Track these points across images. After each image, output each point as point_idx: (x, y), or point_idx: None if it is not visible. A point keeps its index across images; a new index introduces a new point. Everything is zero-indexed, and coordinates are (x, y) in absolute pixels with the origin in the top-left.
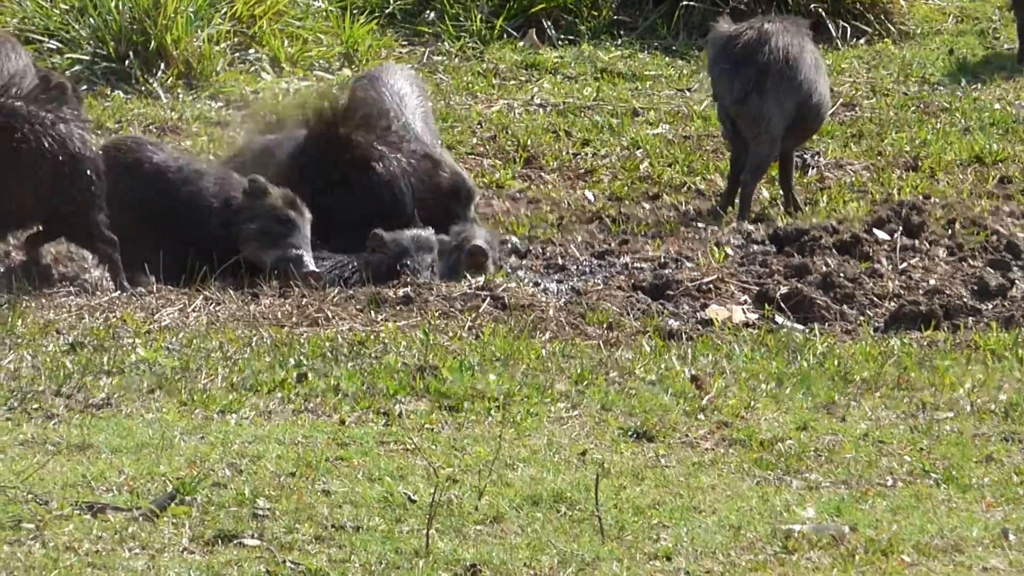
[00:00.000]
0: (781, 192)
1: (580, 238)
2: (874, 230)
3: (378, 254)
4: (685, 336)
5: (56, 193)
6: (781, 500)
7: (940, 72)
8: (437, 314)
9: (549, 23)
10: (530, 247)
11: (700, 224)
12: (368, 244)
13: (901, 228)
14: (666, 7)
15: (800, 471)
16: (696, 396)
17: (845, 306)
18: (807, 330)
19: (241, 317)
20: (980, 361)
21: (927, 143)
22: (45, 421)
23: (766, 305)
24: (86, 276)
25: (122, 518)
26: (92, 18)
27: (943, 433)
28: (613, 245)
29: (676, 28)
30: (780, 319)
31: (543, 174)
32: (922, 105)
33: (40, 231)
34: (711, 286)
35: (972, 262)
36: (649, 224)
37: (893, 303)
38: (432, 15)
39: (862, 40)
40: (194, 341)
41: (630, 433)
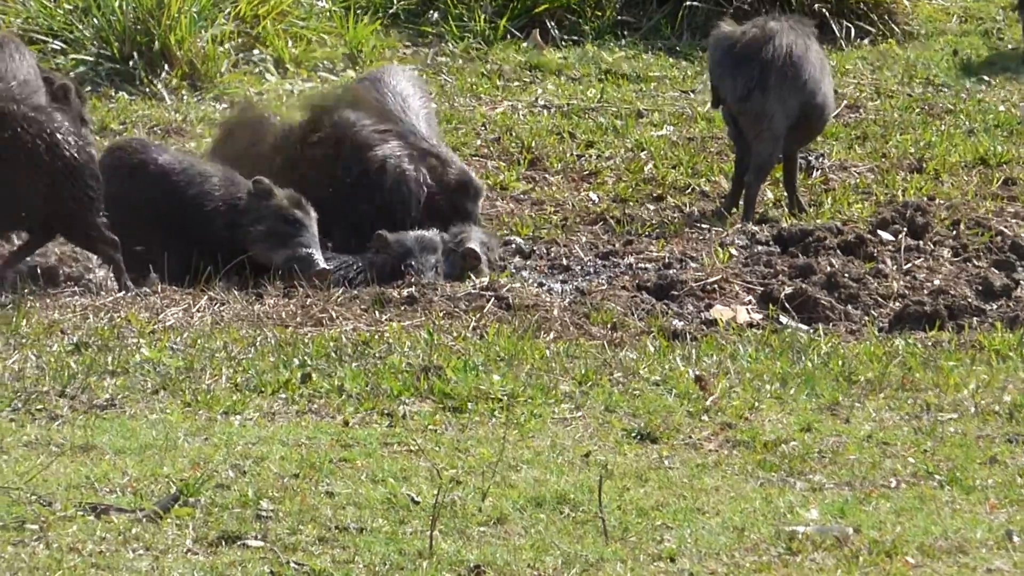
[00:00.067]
0: (785, 193)
1: (584, 239)
2: (878, 231)
3: (382, 255)
4: (689, 336)
5: (54, 194)
6: (785, 501)
7: (944, 73)
8: (441, 314)
9: (553, 24)
10: (534, 248)
11: (704, 225)
12: (372, 245)
13: (905, 229)
14: (670, 7)
15: (804, 472)
16: (700, 397)
17: (849, 306)
18: (811, 330)
19: (245, 317)
20: (984, 362)
21: (931, 145)
22: (49, 422)
23: (770, 305)
24: (90, 276)
25: (126, 519)
26: (96, 19)
27: (947, 434)
28: (617, 246)
29: (680, 29)
30: (784, 319)
31: (547, 176)
32: (926, 106)
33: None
34: (715, 286)
35: (976, 263)
36: (653, 225)
37: (897, 303)
38: (436, 16)
39: (866, 41)
40: (198, 341)
41: (634, 434)
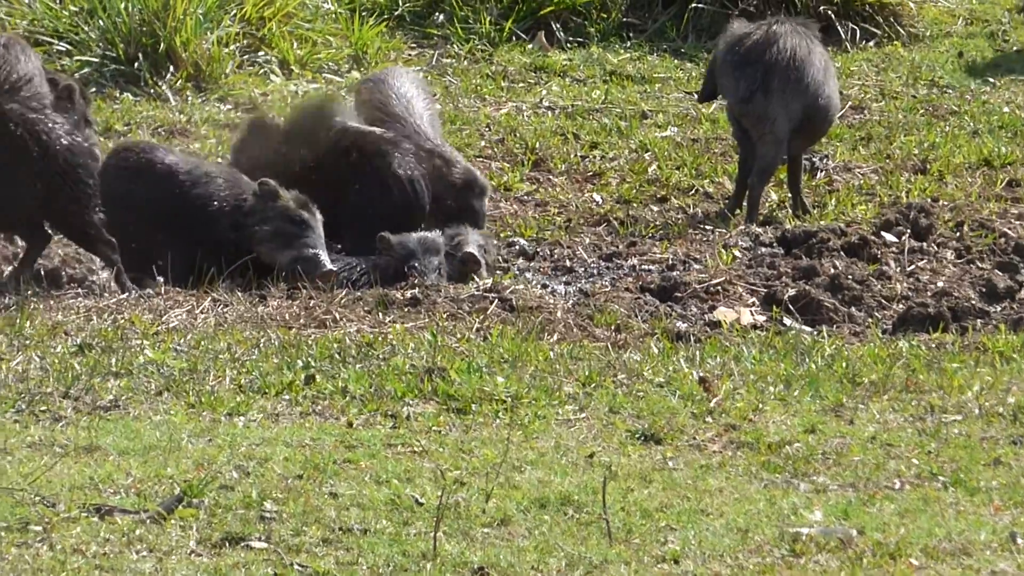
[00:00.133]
0: (789, 195)
1: (588, 240)
2: (882, 232)
3: (385, 256)
4: (693, 338)
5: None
6: (789, 503)
7: (949, 75)
8: (445, 316)
9: (558, 25)
10: (538, 249)
11: (708, 226)
12: (375, 246)
13: (909, 231)
14: (675, 9)
15: (808, 474)
16: (704, 398)
17: (853, 308)
18: (815, 332)
19: (249, 319)
20: (988, 363)
21: (936, 146)
22: (53, 423)
23: (774, 307)
24: (94, 278)
25: (129, 520)
26: (101, 20)
27: (951, 436)
28: (621, 247)
29: (685, 30)
30: (788, 321)
31: (551, 177)
32: (931, 108)
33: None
34: (719, 288)
35: (980, 264)
36: (657, 226)
37: (901, 305)
38: (441, 17)
39: (871, 43)
40: (202, 343)
41: (638, 436)
